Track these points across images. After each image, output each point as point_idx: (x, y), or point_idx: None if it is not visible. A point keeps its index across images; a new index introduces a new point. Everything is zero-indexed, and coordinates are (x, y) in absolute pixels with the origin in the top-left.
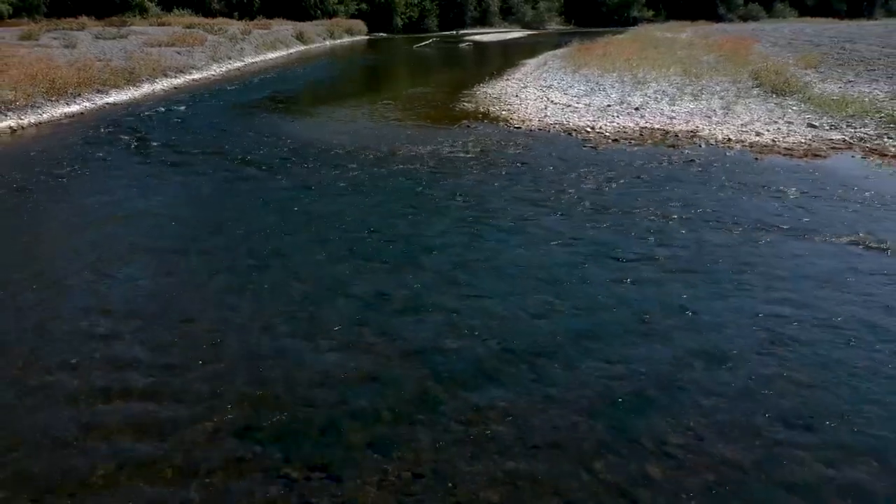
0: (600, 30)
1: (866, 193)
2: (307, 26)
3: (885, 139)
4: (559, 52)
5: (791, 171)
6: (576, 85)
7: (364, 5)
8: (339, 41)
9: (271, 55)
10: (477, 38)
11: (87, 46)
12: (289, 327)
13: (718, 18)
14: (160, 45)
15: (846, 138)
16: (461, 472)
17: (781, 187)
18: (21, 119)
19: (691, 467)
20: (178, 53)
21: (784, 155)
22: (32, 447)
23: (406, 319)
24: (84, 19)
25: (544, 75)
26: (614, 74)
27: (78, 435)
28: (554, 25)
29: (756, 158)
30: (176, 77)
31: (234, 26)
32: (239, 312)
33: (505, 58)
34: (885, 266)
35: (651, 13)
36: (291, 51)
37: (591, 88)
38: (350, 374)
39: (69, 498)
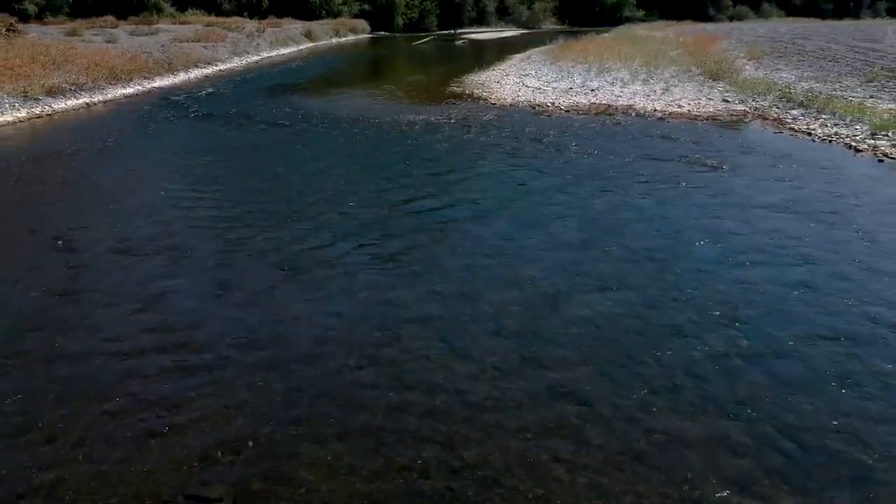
0: (591, 29)
1: (733, 140)
2: (314, 25)
3: (773, 109)
4: (545, 48)
5: (688, 129)
6: (549, 73)
7: (367, 5)
8: (343, 39)
9: (284, 51)
10: (473, 36)
11: (126, 42)
12: (323, 195)
13: (708, 19)
14: (188, 41)
15: (746, 108)
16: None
17: (673, 137)
18: (92, 97)
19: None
20: (205, 48)
21: (691, 119)
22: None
23: (401, 195)
24: (111, 18)
25: (525, 67)
26: (584, 65)
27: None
28: (549, 25)
29: (668, 122)
30: (205, 68)
31: (250, 25)
32: (288, 190)
33: (496, 53)
34: (710, 178)
35: (643, 13)
36: (301, 47)
37: (561, 76)
38: (364, 197)
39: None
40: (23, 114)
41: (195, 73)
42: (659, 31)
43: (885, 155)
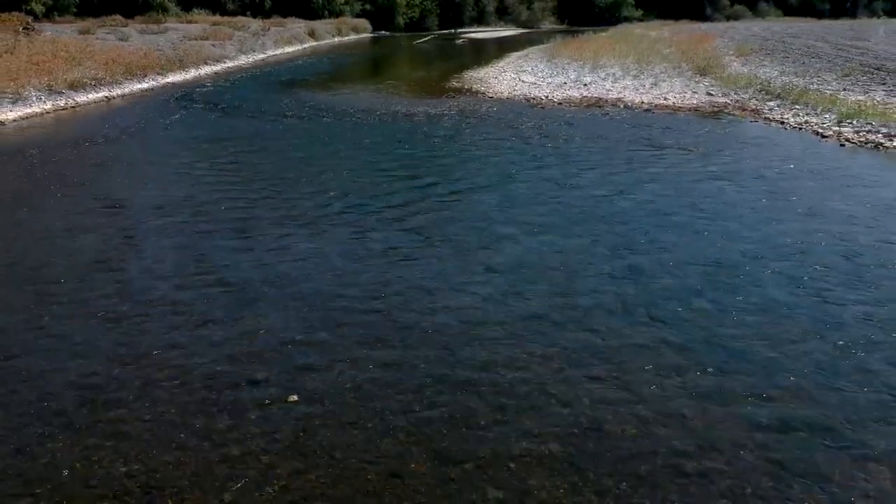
0: (590, 28)
1: (709, 128)
2: (317, 24)
3: (752, 100)
4: (542, 46)
5: (671, 119)
6: (545, 70)
7: (368, 5)
8: (346, 38)
9: (288, 49)
10: (473, 35)
11: (138, 40)
12: (334, 172)
13: (706, 18)
14: (196, 39)
15: (727, 101)
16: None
17: (655, 125)
18: (111, 92)
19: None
20: (213, 46)
21: (675, 111)
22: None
23: (404, 172)
24: (119, 17)
25: (522, 64)
26: (579, 62)
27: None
28: (548, 25)
29: (653, 113)
30: (215, 65)
31: (255, 24)
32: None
33: (495, 52)
34: (680, 158)
35: (641, 13)
36: (305, 46)
37: (556, 72)
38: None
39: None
40: (49, 106)
41: (205, 70)
42: (655, 30)
43: (847, 140)
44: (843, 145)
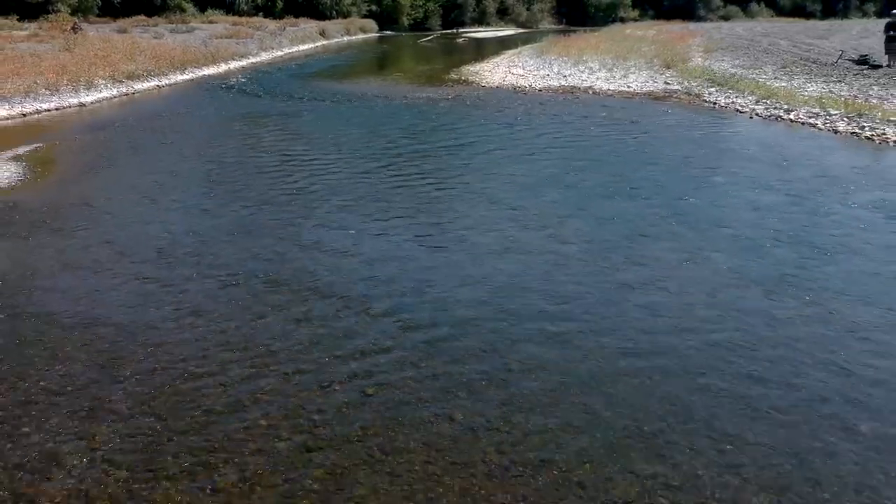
0: (585, 28)
1: (653, 108)
2: (328, 24)
3: (697, 88)
4: (536, 45)
5: (626, 102)
6: (533, 64)
7: (374, 6)
8: (354, 37)
9: (302, 47)
10: (473, 35)
11: (170, 38)
12: (354, 139)
13: (700, 19)
14: (221, 38)
15: (678, 88)
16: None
17: (611, 106)
18: (160, 81)
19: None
20: (237, 44)
21: (632, 96)
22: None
23: (410, 140)
24: (143, 17)
25: (514, 59)
26: (565, 58)
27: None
28: (546, 25)
29: (615, 97)
30: (241, 60)
31: (271, 24)
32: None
33: (492, 49)
34: (620, 126)
35: (637, 13)
36: (317, 44)
37: (542, 66)
38: (383, 138)
39: None
40: (115, 92)
41: (234, 64)
42: (643, 30)
43: (757, 115)
44: (751, 118)
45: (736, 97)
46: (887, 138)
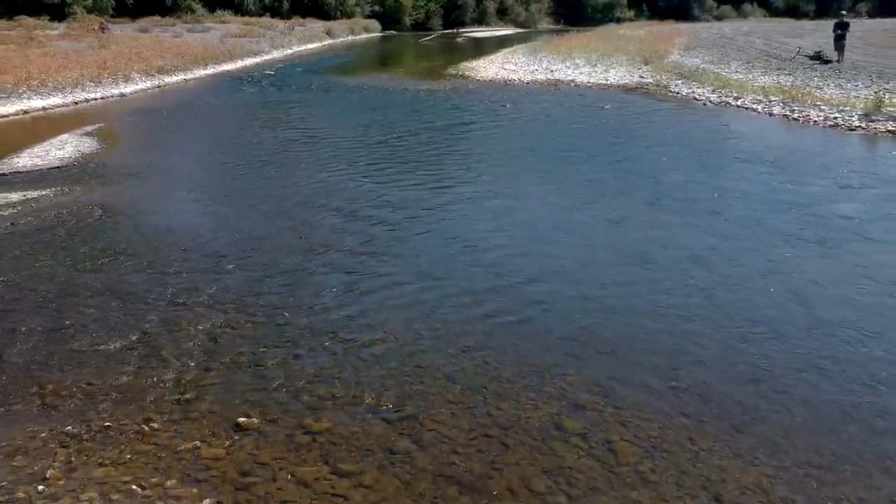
0: (581, 28)
1: (623, 98)
2: (333, 24)
3: (666, 81)
4: (532, 44)
5: (601, 93)
6: (524, 61)
7: (377, 7)
8: (358, 37)
9: (310, 46)
10: (473, 34)
11: (188, 37)
12: (363, 121)
13: (694, 19)
14: (235, 37)
15: (650, 81)
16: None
17: (587, 96)
18: (186, 76)
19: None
20: (250, 42)
21: (608, 88)
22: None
23: (412, 122)
24: (157, 17)
25: (509, 57)
26: (554, 55)
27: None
28: (544, 25)
29: (592, 89)
30: (255, 57)
31: (281, 24)
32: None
33: (490, 48)
34: (590, 111)
35: (633, 13)
36: (324, 43)
37: (533, 63)
38: (388, 119)
39: None
40: (149, 84)
41: (249, 61)
42: (635, 30)
43: (711, 102)
44: (705, 105)
45: (696, 88)
46: (809, 118)
